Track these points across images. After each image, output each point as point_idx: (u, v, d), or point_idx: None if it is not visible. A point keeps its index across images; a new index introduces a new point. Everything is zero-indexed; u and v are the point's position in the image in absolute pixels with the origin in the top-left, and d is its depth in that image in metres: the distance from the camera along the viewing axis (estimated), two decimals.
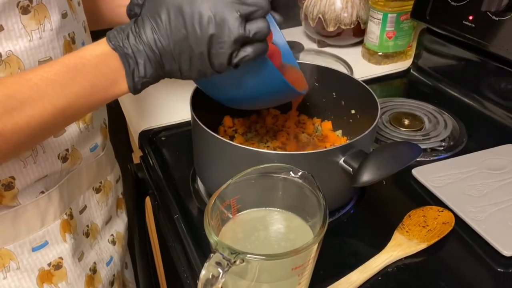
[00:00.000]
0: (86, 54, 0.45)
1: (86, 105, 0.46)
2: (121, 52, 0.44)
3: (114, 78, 0.45)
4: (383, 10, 0.96)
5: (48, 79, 0.43)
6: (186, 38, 0.44)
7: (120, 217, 0.76)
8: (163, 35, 0.44)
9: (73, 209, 0.63)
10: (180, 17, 0.43)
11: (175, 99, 0.91)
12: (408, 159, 0.51)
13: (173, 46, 0.44)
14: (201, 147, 0.63)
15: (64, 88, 0.43)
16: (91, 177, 0.66)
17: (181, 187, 0.69)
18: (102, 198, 0.69)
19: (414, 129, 0.79)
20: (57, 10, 0.51)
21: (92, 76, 0.44)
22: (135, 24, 0.45)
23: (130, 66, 0.45)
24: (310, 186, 0.47)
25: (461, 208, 0.61)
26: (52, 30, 0.51)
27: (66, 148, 0.58)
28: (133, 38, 0.45)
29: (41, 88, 0.42)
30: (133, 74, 0.45)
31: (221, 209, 0.48)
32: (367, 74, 0.98)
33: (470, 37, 0.83)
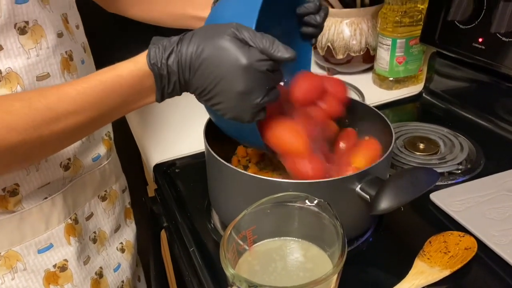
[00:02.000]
0: (123, 72, 0.48)
1: (116, 115, 0.51)
2: (157, 73, 0.48)
3: (146, 94, 0.50)
4: (391, 36, 0.97)
5: (85, 93, 0.47)
6: (221, 82, 0.48)
7: (130, 227, 0.79)
8: (199, 63, 0.48)
9: (78, 215, 0.65)
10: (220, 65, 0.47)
11: (187, 130, 0.92)
12: (426, 185, 0.50)
13: (207, 82, 0.48)
14: (215, 177, 0.62)
15: (99, 103, 0.48)
16: (95, 185, 0.69)
17: (196, 220, 0.68)
18: (108, 206, 0.72)
19: (429, 153, 0.78)
20: (53, 30, 0.55)
21: (126, 93, 0.49)
22: (179, 44, 0.48)
23: (162, 83, 0.49)
24: (327, 214, 0.46)
25: (483, 233, 0.59)
26: (49, 48, 0.55)
27: (68, 157, 0.62)
28: (172, 58, 0.48)
29: (77, 102, 0.47)
30: (162, 90, 0.50)
31: (237, 240, 0.47)
32: (379, 100, 0.98)
33: (480, 59, 0.82)
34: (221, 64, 0.47)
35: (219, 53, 0.47)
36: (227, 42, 0.47)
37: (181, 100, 0.79)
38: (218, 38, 0.47)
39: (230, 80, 0.47)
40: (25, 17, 0.52)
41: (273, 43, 0.48)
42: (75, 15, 0.64)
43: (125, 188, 0.79)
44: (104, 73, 0.48)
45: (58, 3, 0.57)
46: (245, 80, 0.47)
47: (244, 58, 0.46)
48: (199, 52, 0.47)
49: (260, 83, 0.48)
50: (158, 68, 0.48)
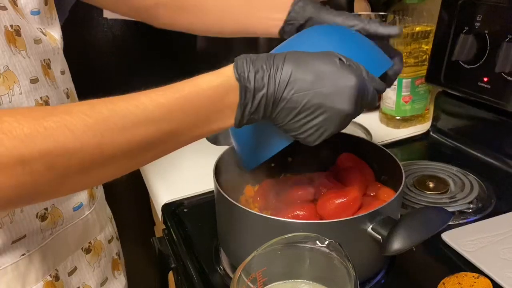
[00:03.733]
0: (203, 83, 0.44)
1: (187, 137, 0.46)
2: (243, 84, 0.44)
3: (224, 112, 0.45)
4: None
5: (157, 101, 0.43)
6: (326, 101, 0.46)
7: (118, 279, 0.74)
8: (300, 87, 0.45)
9: (60, 271, 0.61)
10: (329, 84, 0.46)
11: (196, 170, 0.92)
12: (438, 225, 0.50)
13: (303, 101, 0.46)
14: (225, 218, 0.62)
15: (172, 114, 0.43)
16: (78, 237, 0.64)
17: (204, 261, 0.67)
18: (93, 258, 0.67)
19: (439, 191, 0.77)
20: (25, 76, 0.53)
21: (204, 109, 0.44)
22: (271, 60, 0.46)
23: (246, 99, 0.45)
24: (338, 255, 0.46)
25: (498, 274, 0.58)
26: (21, 94, 0.52)
27: (45, 207, 0.57)
28: (261, 73, 0.45)
29: (148, 108, 0.42)
30: (244, 108, 0.45)
31: (247, 283, 0.46)
32: (386, 139, 0.98)
33: (487, 97, 0.83)
34: (328, 84, 0.45)
35: (325, 75, 0.45)
36: (332, 64, 0.46)
37: None
38: (323, 61, 0.46)
39: (339, 100, 0.46)
40: None
41: (370, 74, 0.49)
42: (61, 61, 0.61)
43: (111, 238, 0.74)
44: (183, 84, 0.44)
45: (38, 48, 0.55)
46: (353, 100, 0.46)
47: (354, 78, 0.46)
48: (300, 73, 0.45)
49: (359, 106, 0.48)
50: (245, 79, 0.44)
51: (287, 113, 0.46)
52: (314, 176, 0.70)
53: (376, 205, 0.54)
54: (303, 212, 0.59)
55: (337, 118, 0.47)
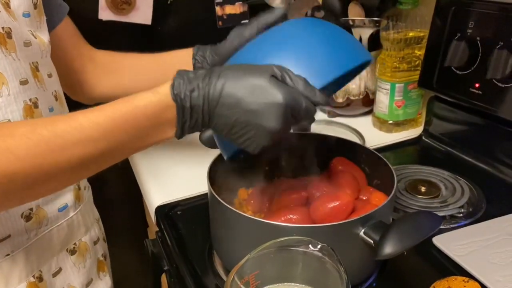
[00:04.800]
0: (141, 102, 0.46)
1: (129, 151, 0.49)
2: (180, 104, 0.46)
3: (163, 127, 0.48)
4: (390, 81, 0.99)
5: (95, 122, 0.45)
6: (255, 119, 0.47)
7: (103, 280, 0.74)
8: (230, 104, 0.46)
9: (44, 272, 0.61)
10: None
11: (190, 172, 0.92)
12: (429, 230, 0.50)
13: (233, 118, 0.47)
14: (218, 221, 0.62)
15: (110, 134, 0.45)
16: (63, 238, 0.65)
17: (197, 263, 0.68)
18: (78, 259, 0.67)
19: (431, 196, 0.78)
20: (14, 77, 0.54)
21: (142, 126, 0.46)
22: (207, 78, 0.47)
23: (184, 117, 0.47)
24: (331, 259, 0.46)
25: (488, 278, 0.59)
26: (10, 95, 0.53)
27: (30, 207, 0.58)
28: (197, 93, 0.46)
29: (86, 130, 0.44)
30: (183, 125, 0.48)
31: (240, 286, 0.47)
32: (379, 143, 0.99)
33: (478, 103, 0.84)
34: (255, 102, 0.46)
35: (254, 91, 0.46)
36: (262, 80, 0.46)
37: (184, 141, 0.79)
38: (254, 76, 0.47)
39: (265, 118, 0.46)
40: None
41: (309, 87, 0.48)
42: (48, 64, 0.62)
43: (97, 240, 0.74)
44: (120, 103, 0.46)
45: (27, 51, 0.56)
46: (280, 117, 0.47)
47: (281, 95, 0.46)
48: (231, 89, 0.46)
49: (289, 122, 0.48)
50: (181, 99, 0.46)
51: (222, 127, 0.49)
52: (307, 180, 0.70)
53: (368, 209, 0.55)
54: (296, 215, 0.60)
55: (264, 135, 0.48)
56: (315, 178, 0.71)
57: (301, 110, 0.48)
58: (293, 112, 0.48)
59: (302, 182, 0.70)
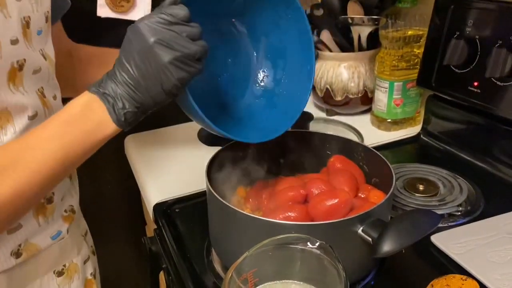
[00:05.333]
0: (71, 107, 0.52)
1: (82, 151, 0.52)
2: (100, 92, 0.51)
3: (101, 119, 0.51)
4: (389, 79, 0.99)
5: (43, 137, 0.50)
6: (148, 74, 0.50)
7: None
8: (124, 67, 0.50)
9: None
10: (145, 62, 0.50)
11: (188, 170, 0.92)
12: (428, 228, 0.50)
13: (142, 79, 0.50)
14: (217, 218, 0.62)
15: (60, 140, 0.50)
16: (52, 261, 0.63)
17: (196, 261, 0.68)
18: (64, 281, 0.66)
19: (429, 194, 0.78)
20: (22, 114, 0.55)
21: (80, 123, 0.51)
22: (109, 72, 0.52)
23: (109, 102, 0.51)
24: (329, 257, 0.46)
25: (486, 276, 0.59)
26: (15, 133, 0.54)
27: (19, 243, 0.57)
28: (108, 81, 0.51)
29: (39, 145, 0.49)
30: (114, 109, 0.51)
31: (238, 283, 0.47)
32: (377, 141, 0.99)
33: (476, 102, 0.84)
34: (137, 50, 0.49)
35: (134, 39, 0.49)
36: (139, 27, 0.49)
37: (182, 139, 0.81)
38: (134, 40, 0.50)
39: (151, 59, 0.49)
40: None
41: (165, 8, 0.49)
42: (53, 86, 0.62)
43: (87, 258, 0.73)
44: (57, 114, 0.51)
45: (35, 79, 0.56)
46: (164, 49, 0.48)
47: (150, 34, 0.48)
48: (123, 55, 0.50)
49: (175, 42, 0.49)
50: (98, 90, 0.51)
51: (146, 95, 0.51)
52: (306, 177, 0.70)
53: (367, 207, 0.55)
54: (295, 213, 0.60)
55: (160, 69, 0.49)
56: (313, 176, 0.71)
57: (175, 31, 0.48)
58: (172, 38, 0.48)
59: (300, 180, 0.70)
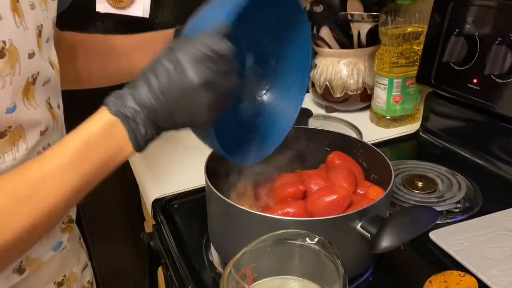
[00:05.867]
0: (90, 130, 0.47)
1: (99, 178, 0.48)
2: (122, 116, 0.46)
3: (121, 145, 0.47)
4: (388, 76, 0.99)
5: (61, 164, 0.45)
6: (180, 108, 0.47)
7: None
8: (155, 93, 0.46)
9: None
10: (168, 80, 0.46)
11: (187, 166, 0.92)
12: (426, 224, 0.50)
13: (165, 102, 0.46)
14: (215, 214, 0.62)
15: (79, 169, 0.46)
16: (53, 272, 0.63)
17: (194, 256, 0.68)
18: None
19: (428, 191, 0.78)
20: (36, 128, 0.53)
21: (102, 150, 0.47)
22: (130, 87, 0.47)
23: (131, 127, 0.47)
24: (328, 253, 0.46)
25: (484, 273, 0.59)
26: (27, 149, 0.52)
27: (20, 260, 0.56)
28: (130, 100, 0.46)
29: (57, 174, 0.45)
30: (135, 135, 0.47)
31: (236, 279, 0.47)
32: (376, 138, 0.99)
33: (476, 99, 0.84)
34: (176, 85, 0.46)
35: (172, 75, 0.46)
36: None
37: (181, 135, 0.79)
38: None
39: (191, 97, 0.46)
40: (8, 123, 0.49)
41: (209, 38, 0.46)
42: (57, 95, 0.60)
43: (85, 266, 0.72)
44: (73, 137, 0.47)
45: (44, 89, 0.54)
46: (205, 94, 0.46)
47: (195, 75, 0.45)
48: (157, 82, 0.46)
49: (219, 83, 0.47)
50: (120, 111, 0.46)
51: (169, 121, 0.48)
52: (305, 174, 0.70)
53: (365, 203, 0.55)
54: (293, 209, 0.60)
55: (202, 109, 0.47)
56: (312, 172, 0.71)
57: (217, 64, 0.46)
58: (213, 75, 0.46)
59: (299, 176, 0.70)
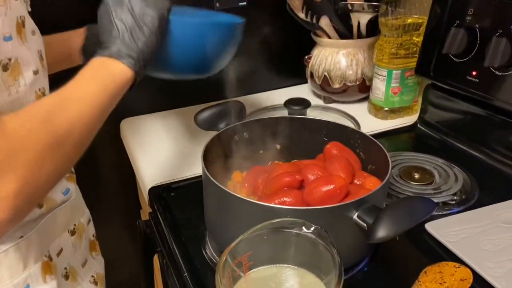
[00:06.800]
0: (88, 65, 0.55)
1: (112, 96, 0.55)
2: (108, 53, 0.56)
3: (120, 68, 0.55)
4: (387, 67, 0.99)
5: (77, 83, 0.53)
6: None
7: (96, 259, 0.76)
8: None
9: (51, 252, 0.63)
10: None
11: (183, 154, 0.92)
12: (423, 214, 0.50)
13: None
14: (212, 202, 0.62)
15: (94, 84, 0.53)
16: (66, 219, 0.67)
17: (190, 244, 0.68)
18: (76, 240, 0.70)
19: (424, 182, 0.78)
20: (29, 67, 0.56)
21: (103, 70, 0.55)
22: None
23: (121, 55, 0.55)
24: (324, 242, 0.46)
25: (478, 264, 0.59)
26: (26, 85, 0.55)
27: None
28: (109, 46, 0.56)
29: (79, 89, 0.53)
30: (126, 57, 0.55)
31: (232, 266, 0.47)
32: (374, 129, 0.99)
33: (474, 91, 0.84)
34: None
35: None
36: None
37: (178, 123, 0.80)
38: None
39: None
40: (8, 54, 0.52)
41: None
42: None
43: (89, 220, 0.76)
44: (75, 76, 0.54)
45: (32, 40, 0.58)
46: None
47: None
48: None
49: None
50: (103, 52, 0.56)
51: None
52: (302, 163, 0.70)
53: (362, 194, 0.55)
54: (290, 198, 0.60)
55: None
56: (309, 162, 0.71)
57: None
58: None
59: (296, 166, 0.70)
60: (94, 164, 1.15)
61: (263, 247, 0.49)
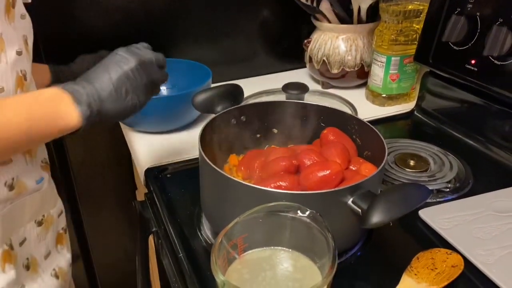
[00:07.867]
0: (41, 91, 0.54)
1: (45, 131, 0.53)
2: (70, 88, 0.53)
3: (66, 109, 0.53)
4: (386, 54, 0.98)
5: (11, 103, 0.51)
6: None
7: (60, 253, 0.76)
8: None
9: (13, 240, 0.63)
10: None
11: (180, 136, 0.92)
12: (417, 201, 0.51)
13: None
14: (208, 185, 0.62)
15: (27, 113, 0.51)
16: (34, 209, 0.66)
17: (186, 226, 0.68)
18: (42, 231, 0.69)
19: (419, 170, 0.79)
20: (13, 46, 0.56)
21: (48, 104, 0.52)
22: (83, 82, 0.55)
23: (79, 94, 0.53)
24: (319, 226, 0.47)
25: (470, 251, 0.60)
26: (7, 63, 0.55)
27: (13, 176, 0.60)
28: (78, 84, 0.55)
29: (7, 108, 0.50)
30: (80, 100, 0.53)
31: (227, 248, 0.47)
32: (371, 115, 0.99)
33: (472, 80, 0.84)
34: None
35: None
36: None
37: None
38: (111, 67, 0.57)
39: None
40: None
41: None
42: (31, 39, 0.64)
43: (60, 213, 0.76)
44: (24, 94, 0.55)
45: (20, 23, 0.58)
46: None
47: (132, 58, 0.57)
48: None
49: None
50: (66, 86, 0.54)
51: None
52: (298, 148, 0.70)
53: (358, 179, 0.55)
54: (286, 183, 0.60)
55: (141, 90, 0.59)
56: (306, 147, 0.71)
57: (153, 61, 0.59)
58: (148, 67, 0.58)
59: (293, 150, 0.70)
60: (90, 145, 1.15)
61: (258, 230, 0.49)
